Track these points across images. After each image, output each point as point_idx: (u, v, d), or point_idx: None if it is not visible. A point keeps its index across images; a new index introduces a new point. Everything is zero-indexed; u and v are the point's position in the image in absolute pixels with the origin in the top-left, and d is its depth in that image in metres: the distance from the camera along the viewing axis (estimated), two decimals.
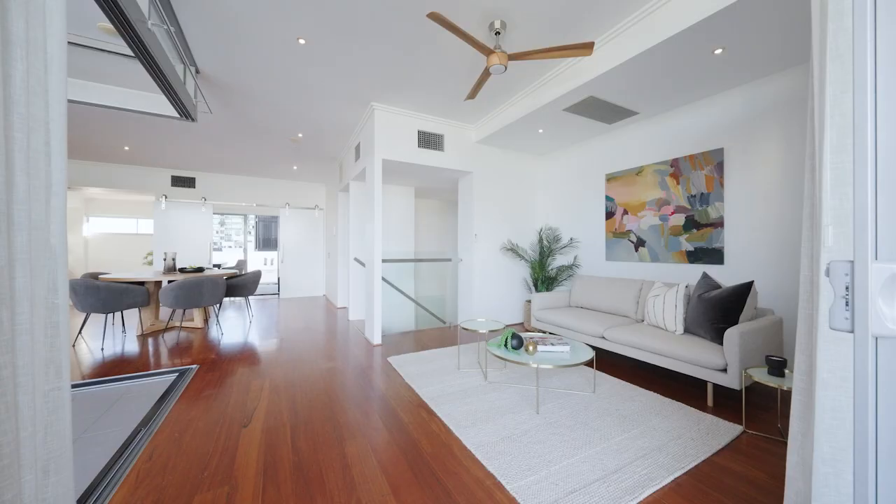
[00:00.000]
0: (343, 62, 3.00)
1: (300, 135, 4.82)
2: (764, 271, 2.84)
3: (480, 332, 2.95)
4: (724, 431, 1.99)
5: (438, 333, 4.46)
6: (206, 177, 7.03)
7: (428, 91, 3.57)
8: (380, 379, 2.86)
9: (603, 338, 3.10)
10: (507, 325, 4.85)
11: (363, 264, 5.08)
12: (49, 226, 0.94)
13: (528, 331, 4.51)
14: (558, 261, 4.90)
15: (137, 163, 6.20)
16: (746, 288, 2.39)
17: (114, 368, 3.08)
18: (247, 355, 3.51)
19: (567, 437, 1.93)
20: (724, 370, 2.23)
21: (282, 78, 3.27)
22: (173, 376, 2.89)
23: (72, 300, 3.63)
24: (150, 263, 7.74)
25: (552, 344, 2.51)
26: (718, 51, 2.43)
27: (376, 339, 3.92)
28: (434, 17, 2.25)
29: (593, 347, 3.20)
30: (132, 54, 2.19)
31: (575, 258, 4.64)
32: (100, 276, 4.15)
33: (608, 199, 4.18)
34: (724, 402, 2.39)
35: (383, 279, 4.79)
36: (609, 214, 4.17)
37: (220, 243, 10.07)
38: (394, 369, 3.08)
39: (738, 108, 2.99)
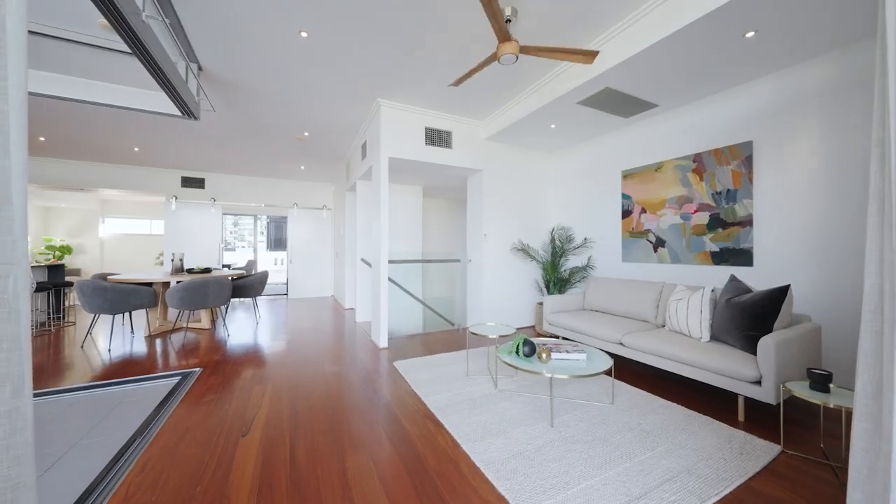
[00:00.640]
0: (345, 60, 2.90)
1: (306, 133, 4.75)
2: (798, 274, 2.62)
3: (490, 337, 2.80)
4: (759, 451, 1.81)
5: (447, 336, 4.32)
6: (215, 177, 7.06)
7: (435, 87, 3.43)
8: (385, 385, 2.75)
9: (621, 344, 2.92)
10: (518, 329, 4.69)
11: (370, 265, 4.99)
12: (12, 227, 0.85)
13: (539, 335, 4.34)
14: (571, 262, 4.71)
15: (148, 164, 6.25)
16: (782, 292, 2.19)
17: (119, 370, 3.04)
18: (251, 358, 3.44)
19: (585, 455, 1.77)
20: (758, 382, 2.04)
21: (285, 75, 3.18)
22: (176, 379, 2.83)
23: (79, 301, 3.63)
24: (162, 264, 7.81)
25: (567, 351, 2.35)
26: (750, 34, 2.23)
27: (382, 343, 3.81)
28: (457, 83, 2.78)
29: (610, 354, 3.02)
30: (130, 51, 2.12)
31: (589, 259, 4.45)
32: (108, 277, 4.15)
33: (625, 196, 3.98)
34: (757, 417, 2.19)
35: (390, 280, 4.68)
36: (626, 213, 3.97)
37: (234, 244, 10.14)
38: (400, 375, 2.96)
39: (769, 97, 2.77)
